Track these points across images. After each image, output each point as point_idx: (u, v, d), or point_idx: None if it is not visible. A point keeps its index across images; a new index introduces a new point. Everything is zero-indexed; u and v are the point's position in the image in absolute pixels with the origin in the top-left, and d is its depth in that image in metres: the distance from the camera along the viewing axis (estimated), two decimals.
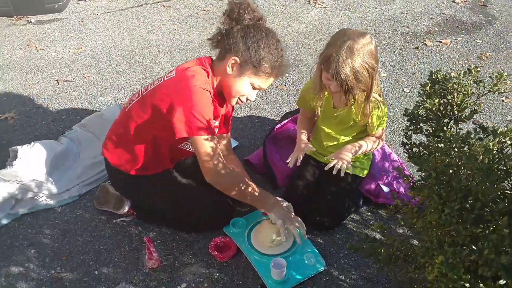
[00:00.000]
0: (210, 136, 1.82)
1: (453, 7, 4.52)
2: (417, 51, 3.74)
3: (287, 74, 3.21)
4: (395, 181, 2.29)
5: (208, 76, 1.89)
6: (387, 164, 2.35)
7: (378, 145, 2.12)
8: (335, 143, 2.15)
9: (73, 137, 2.55)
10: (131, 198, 2.16)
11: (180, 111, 1.79)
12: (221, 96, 1.98)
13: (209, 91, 1.85)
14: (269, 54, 1.85)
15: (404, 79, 3.36)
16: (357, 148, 2.03)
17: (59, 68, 3.48)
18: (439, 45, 3.84)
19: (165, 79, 1.95)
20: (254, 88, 1.93)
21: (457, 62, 3.59)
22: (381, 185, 2.25)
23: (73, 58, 3.62)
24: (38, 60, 3.58)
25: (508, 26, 4.13)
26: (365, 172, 2.23)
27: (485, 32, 4.05)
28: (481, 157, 1.04)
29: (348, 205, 2.19)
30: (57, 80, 3.31)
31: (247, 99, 1.97)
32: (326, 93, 2.05)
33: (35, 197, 2.26)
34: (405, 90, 3.24)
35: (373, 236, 1.73)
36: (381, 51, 3.65)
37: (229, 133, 2.22)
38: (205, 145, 1.83)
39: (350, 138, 2.13)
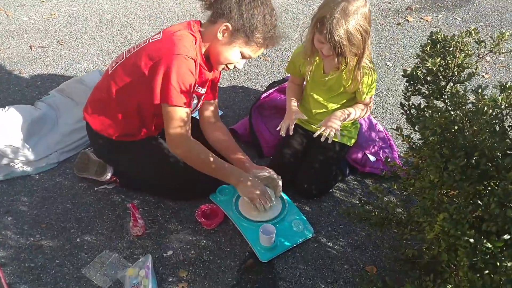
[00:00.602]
0: (183, 106, 1.77)
1: None
2: (399, 27, 3.74)
3: None
4: (381, 151, 2.29)
5: (195, 42, 1.81)
6: (373, 134, 2.34)
7: (366, 113, 2.11)
8: (324, 110, 2.12)
9: (51, 102, 2.42)
10: (114, 164, 2.08)
11: (160, 76, 1.73)
12: (209, 61, 1.91)
13: (194, 59, 1.77)
14: (263, 24, 1.79)
15: (387, 53, 3.35)
16: (346, 116, 2.01)
17: (31, 33, 3.31)
18: (420, 21, 3.85)
19: (150, 41, 1.87)
20: (243, 57, 1.87)
21: None
22: (368, 155, 2.24)
23: (46, 24, 3.45)
24: (8, 24, 3.40)
25: (486, 5, 4.17)
26: (353, 141, 2.22)
27: (465, 10, 4.08)
28: (490, 111, 1.03)
29: (335, 173, 2.17)
30: (30, 46, 3.15)
31: (234, 66, 1.92)
32: (317, 58, 2.01)
33: (11, 164, 2.14)
34: (388, 64, 3.23)
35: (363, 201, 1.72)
36: None
37: (216, 99, 2.16)
38: (176, 114, 1.77)
39: (339, 105, 2.10)
